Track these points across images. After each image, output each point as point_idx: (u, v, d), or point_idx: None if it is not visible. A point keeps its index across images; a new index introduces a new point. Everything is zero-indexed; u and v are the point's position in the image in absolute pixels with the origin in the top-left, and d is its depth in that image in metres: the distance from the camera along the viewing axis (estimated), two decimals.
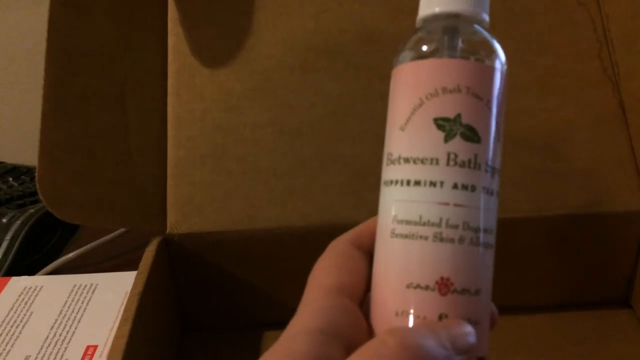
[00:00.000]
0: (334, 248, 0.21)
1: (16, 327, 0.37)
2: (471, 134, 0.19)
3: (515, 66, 0.37)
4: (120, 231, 0.50)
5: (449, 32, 0.20)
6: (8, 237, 0.48)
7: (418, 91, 0.19)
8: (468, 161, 0.19)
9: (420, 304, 0.18)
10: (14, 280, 0.42)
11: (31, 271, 0.45)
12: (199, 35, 0.38)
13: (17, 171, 0.63)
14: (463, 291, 0.18)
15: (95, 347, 0.35)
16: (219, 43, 0.38)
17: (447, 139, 0.19)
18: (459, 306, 0.18)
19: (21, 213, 0.51)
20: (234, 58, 0.38)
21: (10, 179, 0.61)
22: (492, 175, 0.19)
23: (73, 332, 0.36)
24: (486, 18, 0.20)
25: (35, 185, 0.30)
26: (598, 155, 0.36)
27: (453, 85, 0.19)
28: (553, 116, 0.36)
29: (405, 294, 0.18)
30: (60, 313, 0.38)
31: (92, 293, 0.40)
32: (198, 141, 0.36)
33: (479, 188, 0.19)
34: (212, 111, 0.37)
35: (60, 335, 0.36)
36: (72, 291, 0.40)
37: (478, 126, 0.19)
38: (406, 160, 0.19)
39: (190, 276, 0.37)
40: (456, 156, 0.19)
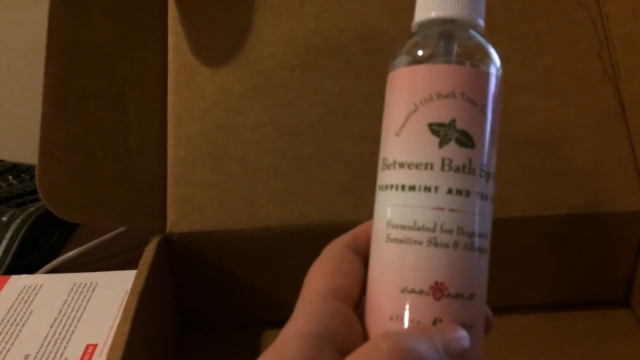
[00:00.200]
0: (330, 251, 0.21)
1: (16, 326, 0.37)
2: (466, 139, 0.19)
3: (515, 66, 0.37)
4: (120, 230, 0.50)
5: (445, 37, 0.20)
6: (8, 236, 0.48)
7: (413, 96, 0.19)
8: (462, 166, 0.19)
9: (414, 309, 0.18)
10: (14, 278, 0.42)
11: (31, 270, 0.45)
12: (199, 34, 0.38)
13: (17, 169, 0.63)
14: (457, 296, 0.18)
15: (95, 346, 0.35)
16: (219, 42, 0.38)
17: (442, 144, 0.19)
18: (453, 311, 0.18)
19: (21, 211, 0.51)
20: (234, 57, 0.38)
21: (10, 177, 0.61)
22: (487, 180, 0.19)
23: (73, 331, 0.36)
24: (481, 23, 0.20)
25: (35, 183, 0.30)
26: (598, 155, 0.36)
27: (448, 90, 0.19)
28: (553, 116, 0.36)
29: (399, 299, 0.19)
30: (60, 312, 0.38)
31: (92, 292, 0.40)
32: (198, 140, 0.36)
33: (474, 193, 0.19)
34: (213, 110, 0.37)
35: (60, 333, 0.36)
36: (72, 290, 0.40)
37: (473, 131, 0.19)
38: (401, 165, 0.19)
39: (190, 275, 0.37)
40: (451, 161, 0.19)
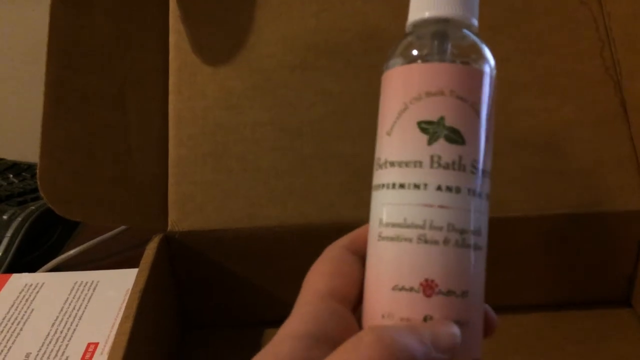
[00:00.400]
0: (329, 253, 0.21)
1: (17, 324, 0.37)
2: (455, 136, 0.19)
3: (515, 66, 0.37)
4: (121, 228, 0.50)
5: (439, 37, 0.20)
6: (9, 234, 0.48)
7: (403, 96, 0.19)
8: (452, 163, 0.19)
9: (405, 306, 0.18)
10: (15, 277, 0.42)
11: (32, 268, 0.45)
12: (200, 33, 0.38)
13: (18, 168, 0.63)
14: (449, 293, 0.18)
15: (96, 345, 0.35)
16: (220, 41, 0.38)
17: (431, 142, 0.19)
18: (445, 308, 0.18)
19: (22, 210, 0.51)
20: (235, 56, 0.38)
21: (10, 176, 0.61)
22: (479, 176, 0.19)
23: (74, 330, 0.37)
24: (475, 23, 0.20)
25: (36, 182, 0.30)
26: (599, 154, 0.36)
27: (436, 88, 0.19)
28: (554, 116, 0.36)
29: (390, 297, 0.18)
30: (61, 310, 0.38)
31: (93, 290, 0.40)
32: (199, 140, 0.36)
33: (464, 190, 0.19)
34: (214, 109, 0.37)
35: (61, 332, 0.36)
36: (73, 288, 0.40)
37: (463, 128, 0.19)
38: (392, 164, 0.19)
39: (191, 274, 0.37)
40: (440, 158, 0.19)
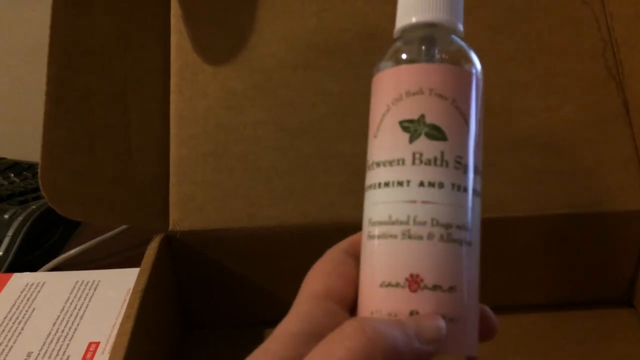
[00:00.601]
0: (328, 255, 0.22)
1: (18, 324, 0.37)
2: (436, 133, 0.19)
3: (516, 65, 0.37)
4: (122, 228, 0.50)
5: (426, 42, 0.20)
6: (10, 233, 0.49)
7: (386, 98, 0.20)
8: (434, 159, 0.19)
9: (391, 302, 0.18)
10: (16, 276, 0.42)
11: (33, 267, 0.46)
12: (202, 32, 0.38)
13: (19, 167, 0.63)
14: (434, 287, 0.18)
15: (97, 344, 0.35)
16: (221, 41, 0.38)
17: (412, 139, 0.19)
18: (431, 303, 0.18)
19: (23, 209, 0.51)
20: (236, 56, 0.38)
21: (11, 175, 0.61)
22: (464, 171, 0.19)
23: (75, 329, 0.37)
24: (461, 28, 0.21)
25: (37, 181, 0.30)
26: (600, 154, 0.36)
27: (416, 88, 0.19)
28: (555, 115, 0.36)
29: (378, 293, 0.19)
30: (62, 309, 0.38)
31: (94, 290, 0.40)
32: (200, 139, 0.36)
33: (448, 184, 0.19)
34: (215, 109, 0.37)
35: (62, 331, 0.37)
36: (74, 288, 0.41)
37: (444, 125, 0.19)
38: (377, 164, 0.20)
39: (192, 274, 0.37)
40: (421, 155, 0.19)
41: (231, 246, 0.36)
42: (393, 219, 0.19)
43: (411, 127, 0.19)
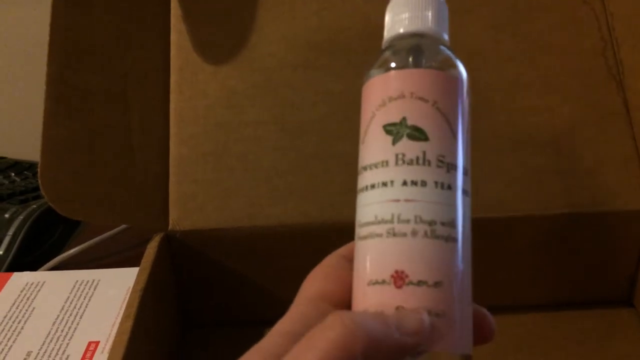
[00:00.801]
0: (327, 260, 0.22)
1: (18, 323, 0.37)
2: (417, 134, 0.20)
3: (517, 65, 0.37)
4: (122, 227, 0.50)
5: (414, 52, 0.21)
6: (10, 233, 0.49)
7: (372, 105, 0.21)
8: (416, 158, 0.19)
9: (378, 299, 0.19)
10: (16, 275, 0.42)
11: (33, 267, 0.46)
12: (202, 32, 0.38)
13: (20, 166, 0.64)
14: (419, 283, 0.18)
15: (97, 343, 0.35)
16: (222, 40, 0.38)
17: (395, 141, 0.20)
18: (416, 298, 0.18)
19: (23, 208, 0.51)
20: (236, 56, 0.38)
21: (12, 174, 0.61)
22: (448, 170, 0.20)
23: (75, 328, 0.37)
24: (446, 37, 0.22)
25: (37, 180, 0.30)
26: (601, 154, 0.36)
27: (397, 93, 0.20)
28: (555, 115, 0.36)
29: (366, 292, 0.19)
30: (62, 309, 0.38)
31: (94, 289, 0.40)
32: (200, 139, 0.36)
33: (431, 183, 0.19)
34: (215, 108, 0.37)
35: (62, 331, 0.37)
36: (74, 287, 0.41)
37: (426, 126, 0.20)
38: (365, 168, 0.20)
39: (192, 273, 0.37)
40: (404, 155, 0.19)
41: (231, 246, 0.36)
42: (378, 219, 0.19)
43: (394, 130, 0.20)
